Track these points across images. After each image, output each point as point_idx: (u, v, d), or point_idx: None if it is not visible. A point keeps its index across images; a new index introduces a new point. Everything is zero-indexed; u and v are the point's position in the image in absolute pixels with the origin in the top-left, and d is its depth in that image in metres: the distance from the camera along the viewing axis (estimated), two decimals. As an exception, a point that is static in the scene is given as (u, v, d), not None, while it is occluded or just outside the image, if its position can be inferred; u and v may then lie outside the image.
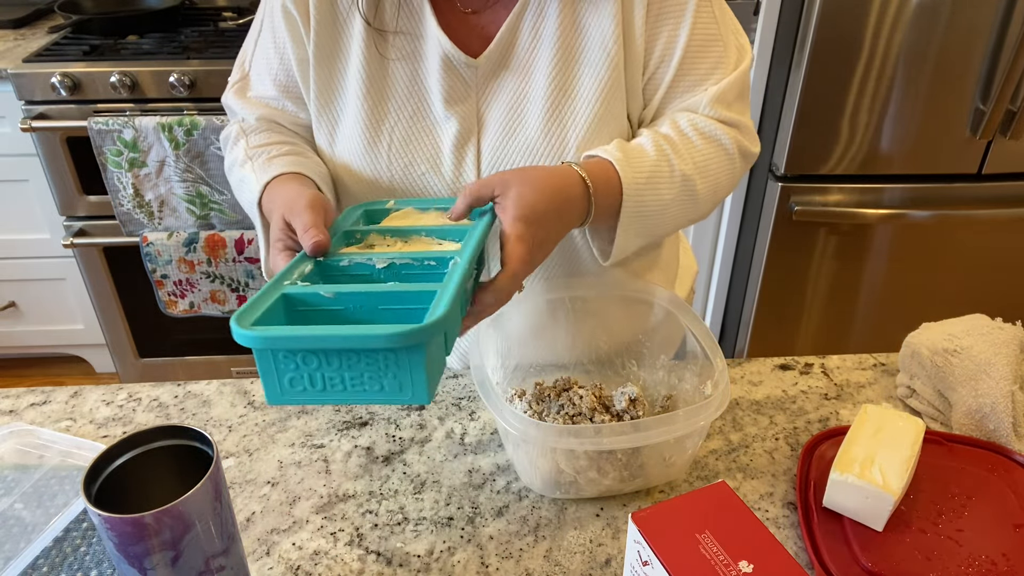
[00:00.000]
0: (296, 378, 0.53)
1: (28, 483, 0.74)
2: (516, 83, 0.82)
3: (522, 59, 0.82)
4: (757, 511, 0.71)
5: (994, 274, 1.95)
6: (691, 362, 0.77)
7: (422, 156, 0.83)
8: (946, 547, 0.65)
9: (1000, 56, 1.64)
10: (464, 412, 0.84)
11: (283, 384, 0.53)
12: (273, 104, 0.88)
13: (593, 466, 0.69)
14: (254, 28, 0.88)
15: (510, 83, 0.82)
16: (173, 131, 1.73)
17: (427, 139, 0.83)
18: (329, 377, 0.53)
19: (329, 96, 0.84)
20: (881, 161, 1.77)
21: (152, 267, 1.90)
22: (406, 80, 0.82)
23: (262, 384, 0.54)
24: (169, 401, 0.86)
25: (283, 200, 0.71)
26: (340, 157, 0.85)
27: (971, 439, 0.76)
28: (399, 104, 0.83)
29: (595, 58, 0.80)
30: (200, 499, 0.52)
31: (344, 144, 0.84)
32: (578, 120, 0.81)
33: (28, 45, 1.94)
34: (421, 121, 0.83)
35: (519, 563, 0.66)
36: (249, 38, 0.89)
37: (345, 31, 0.82)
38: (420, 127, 0.83)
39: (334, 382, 0.53)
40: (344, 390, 0.53)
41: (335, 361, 0.52)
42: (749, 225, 1.98)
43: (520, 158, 0.82)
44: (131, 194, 1.82)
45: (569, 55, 0.81)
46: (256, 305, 0.55)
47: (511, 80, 0.82)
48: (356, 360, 0.52)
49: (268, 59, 0.86)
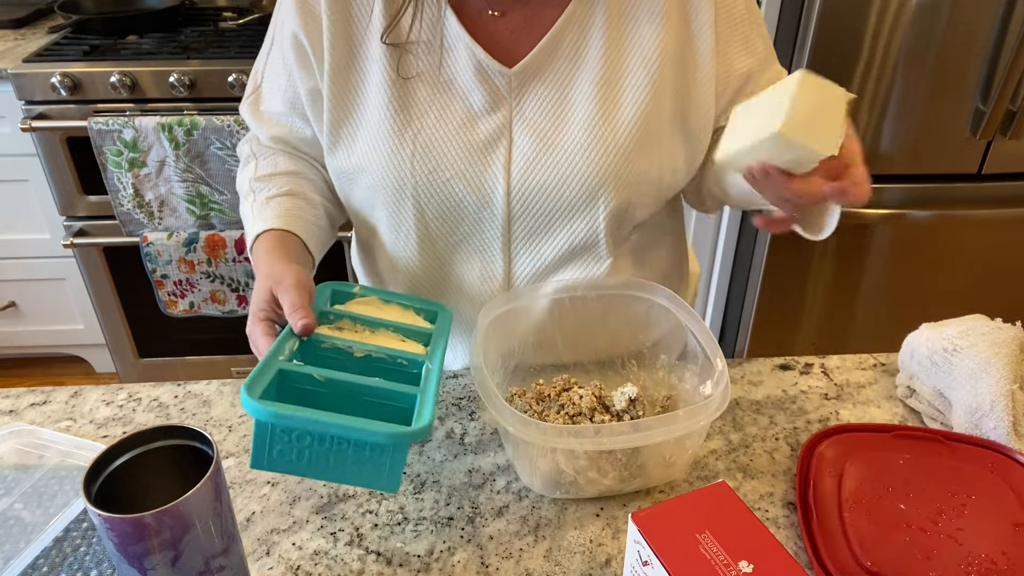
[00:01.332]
0: (285, 450, 0.58)
1: (28, 483, 0.74)
2: (554, 95, 0.81)
3: (562, 72, 0.81)
4: (757, 511, 0.71)
5: (994, 274, 1.95)
6: (691, 362, 0.77)
7: (447, 162, 0.81)
8: (946, 546, 0.65)
9: (1000, 56, 1.64)
10: (464, 412, 0.84)
11: (272, 453, 0.59)
12: (283, 121, 0.88)
13: (593, 466, 0.69)
14: (267, 39, 0.88)
15: (547, 95, 0.81)
16: (173, 131, 1.73)
17: (453, 145, 0.81)
18: (316, 456, 0.59)
19: (346, 117, 0.83)
20: (881, 161, 1.77)
21: (152, 267, 1.90)
22: (430, 89, 0.81)
23: (252, 447, 0.59)
24: (169, 401, 0.86)
25: (269, 270, 0.74)
26: (360, 166, 0.84)
27: (971, 438, 0.76)
28: (422, 111, 0.81)
29: (638, 80, 0.80)
30: (200, 499, 0.52)
31: (365, 154, 0.83)
32: (619, 139, 0.80)
33: (28, 45, 1.94)
34: (447, 125, 0.81)
35: (519, 563, 0.66)
36: (263, 49, 0.89)
37: (361, 53, 0.81)
38: (446, 132, 0.81)
39: (319, 461, 0.59)
40: (326, 469, 0.60)
41: (327, 443, 0.58)
42: (749, 225, 1.98)
43: (553, 172, 0.81)
44: (131, 194, 1.82)
45: (614, 74, 0.80)
46: (260, 378, 0.60)
47: (548, 92, 0.81)
48: (346, 446, 0.58)
49: (277, 75, 0.86)
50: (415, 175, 0.81)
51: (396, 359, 0.68)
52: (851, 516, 0.68)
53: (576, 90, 0.81)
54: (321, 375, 0.62)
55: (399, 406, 0.63)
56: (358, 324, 0.74)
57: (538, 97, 0.81)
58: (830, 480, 0.72)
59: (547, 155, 0.81)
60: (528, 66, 0.80)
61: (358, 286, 0.81)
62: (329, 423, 0.57)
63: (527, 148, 0.81)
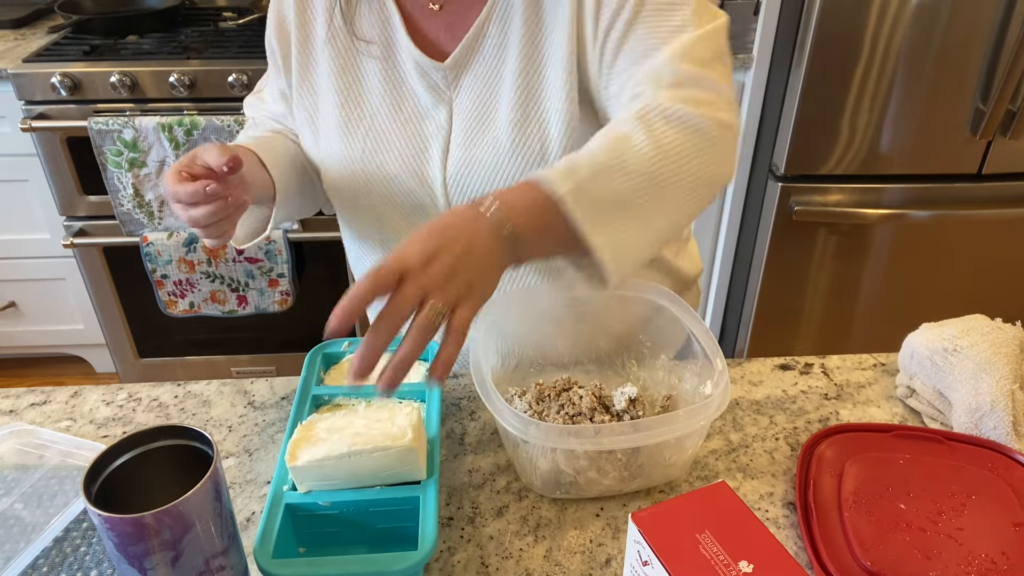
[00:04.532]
0: None
1: (28, 483, 0.74)
2: (484, 87, 0.81)
3: (489, 62, 0.81)
4: (757, 511, 0.71)
5: (994, 274, 1.95)
6: (691, 362, 0.77)
7: (393, 157, 0.84)
8: (946, 546, 0.65)
9: (1000, 56, 1.64)
10: (464, 412, 0.84)
11: None
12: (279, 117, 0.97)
13: (593, 466, 0.69)
14: None
15: (479, 87, 0.82)
16: (173, 131, 1.73)
17: (399, 142, 0.84)
18: None
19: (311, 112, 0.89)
20: (881, 161, 1.77)
21: (152, 267, 1.90)
22: (380, 83, 0.84)
23: None
24: (169, 401, 0.86)
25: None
26: (325, 164, 0.89)
27: (971, 438, 0.76)
28: (373, 109, 0.85)
29: (559, 58, 0.77)
30: (200, 499, 0.52)
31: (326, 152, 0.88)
32: (548, 126, 0.79)
33: (28, 45, 1.94)
34: (393, 123, 0.84)
35: (519, 563, 0.66)
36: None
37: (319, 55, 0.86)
38: (392, 130, 0.84)
39: None
40: None
41: None
42: (749, 225, 1.98)
43: (487, 166, 0.81)
44: (131, 194, 1.82)
45: (534, 58, 0.79)
46: (269, 528, 0.61)
47: (479, 84, 0.82)
48: None
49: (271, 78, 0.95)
50: (366, 172, 0.85)
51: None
52: (851, 516, 0.68)
53: (504, 78, 0.80)
54: (326, 501, 0.64)
55: (408, 508, 0.64)
56: (352, 398, 0.76)
57: (472, 90, 0.82)
58: (830, 480, 0.72)
59: (478, 150, 0.82)
60: (457, 59, 0.81)
61: (347, 342, 0.82)
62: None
63: (461, 143, 0.83)
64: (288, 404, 0.85)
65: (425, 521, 0.62)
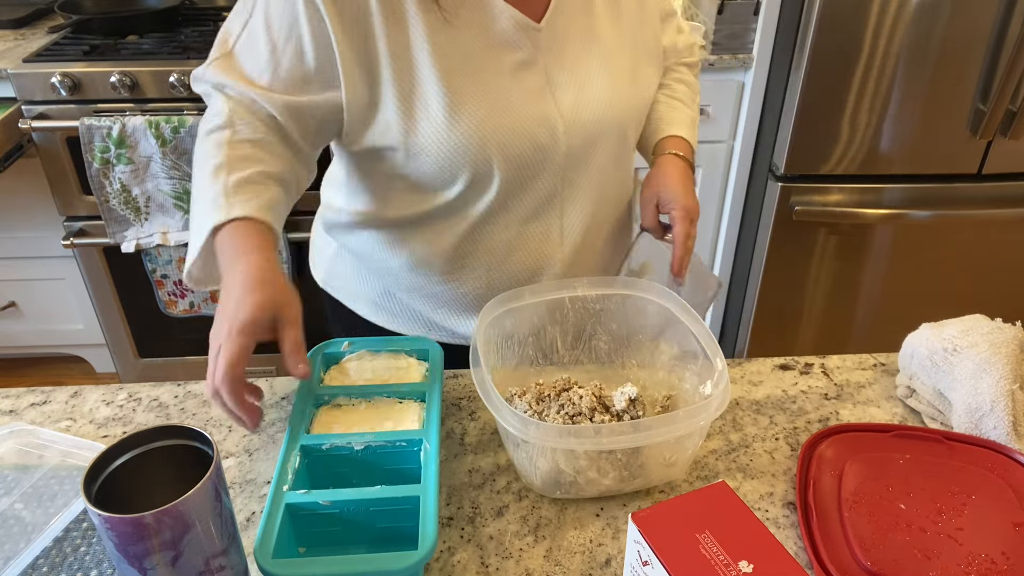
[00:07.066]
0: None
1: (28, 483, 0.74)
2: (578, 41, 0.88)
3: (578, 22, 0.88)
4: (757, 511, 0.71)
5: (994, 274, 1.95)
6: (691, 362, 0.77)
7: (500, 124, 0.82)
8: (946, 546, 0.65)
9: (1000, 56, 1.64)
10: (464, 412, 0.84)
11: None
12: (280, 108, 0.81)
13: (593, 466, 0.69)
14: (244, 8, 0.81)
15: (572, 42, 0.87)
16: (160, 128, 1.73)
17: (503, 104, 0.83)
18: None
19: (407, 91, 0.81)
20: (881, 161, 1.77)
21: (152, 267, 1.90)
22: (479, 51, 0.82)
23: None
24: (169, 401, 0.86)
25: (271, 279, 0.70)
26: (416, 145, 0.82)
27: (971, 438, 0.76)
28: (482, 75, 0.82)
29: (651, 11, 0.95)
30: (200, 499, 0.52)
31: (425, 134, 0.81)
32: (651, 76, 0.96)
33: (28, 45, 1.93)
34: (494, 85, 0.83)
35: (519, 563, 0.66)
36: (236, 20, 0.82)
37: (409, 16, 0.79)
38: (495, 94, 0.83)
39: None
40: None
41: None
42: (749, 225, 1.98)
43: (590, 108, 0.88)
44: (118, 190, 1.81)
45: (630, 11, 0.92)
46: (269, 528, 0.61)
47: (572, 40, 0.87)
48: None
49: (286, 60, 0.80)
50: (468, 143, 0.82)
51: (395, 443, 0.70)
52: (851, 516, 0.68)
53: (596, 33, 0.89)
54: (326, 499, 0.64)
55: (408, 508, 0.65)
56: (352, 397, 0.77)
57: (569, 50, 0.88)
58: (830, 480, 0.72)
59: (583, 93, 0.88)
60: (552, 19, 0.85)
61: (347, 343, 0.82)
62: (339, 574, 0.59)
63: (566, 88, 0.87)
64: (288, 404, 0.85)
65: (425, 521, 0.62)
